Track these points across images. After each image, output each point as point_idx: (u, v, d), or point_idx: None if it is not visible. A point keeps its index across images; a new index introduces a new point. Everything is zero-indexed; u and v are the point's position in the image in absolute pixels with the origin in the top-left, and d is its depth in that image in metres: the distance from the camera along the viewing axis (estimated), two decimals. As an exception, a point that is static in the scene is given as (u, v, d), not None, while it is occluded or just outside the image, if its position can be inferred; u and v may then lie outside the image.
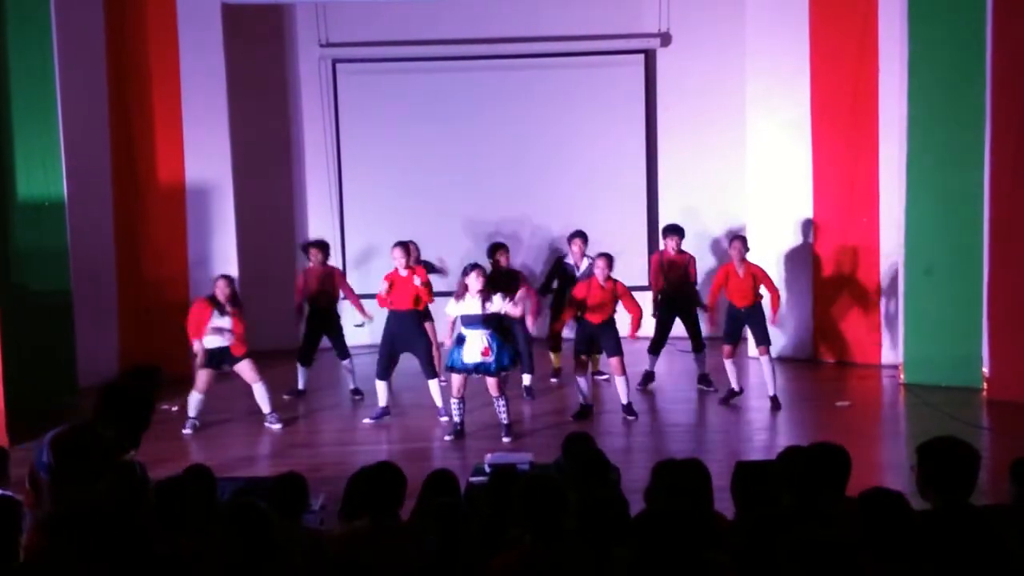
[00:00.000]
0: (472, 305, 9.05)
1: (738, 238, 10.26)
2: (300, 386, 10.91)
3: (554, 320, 10.91)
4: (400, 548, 4.41)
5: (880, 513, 3.88)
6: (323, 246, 10.94)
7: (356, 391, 10.77)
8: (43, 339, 10.29)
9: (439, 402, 9.73)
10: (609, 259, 9.73)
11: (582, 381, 9.84)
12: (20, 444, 9.14)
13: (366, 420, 9.89)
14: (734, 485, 5.03)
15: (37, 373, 10.07)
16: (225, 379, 10.11)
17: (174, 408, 10.32)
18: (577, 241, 10.95)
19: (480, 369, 9.11)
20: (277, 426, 9.83)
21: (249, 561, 3.79)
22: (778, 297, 10.31)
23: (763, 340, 10.11)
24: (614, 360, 9.77)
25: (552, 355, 11.23)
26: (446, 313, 9.29)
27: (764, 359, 10.08)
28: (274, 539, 3.86)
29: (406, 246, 10.00)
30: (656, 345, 10.83)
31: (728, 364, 10.15)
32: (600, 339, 9.83)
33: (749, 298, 10.05)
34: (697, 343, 10.72)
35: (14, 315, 9.93)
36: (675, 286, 10.68)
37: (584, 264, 10.75)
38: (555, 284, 11.15)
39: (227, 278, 9.90)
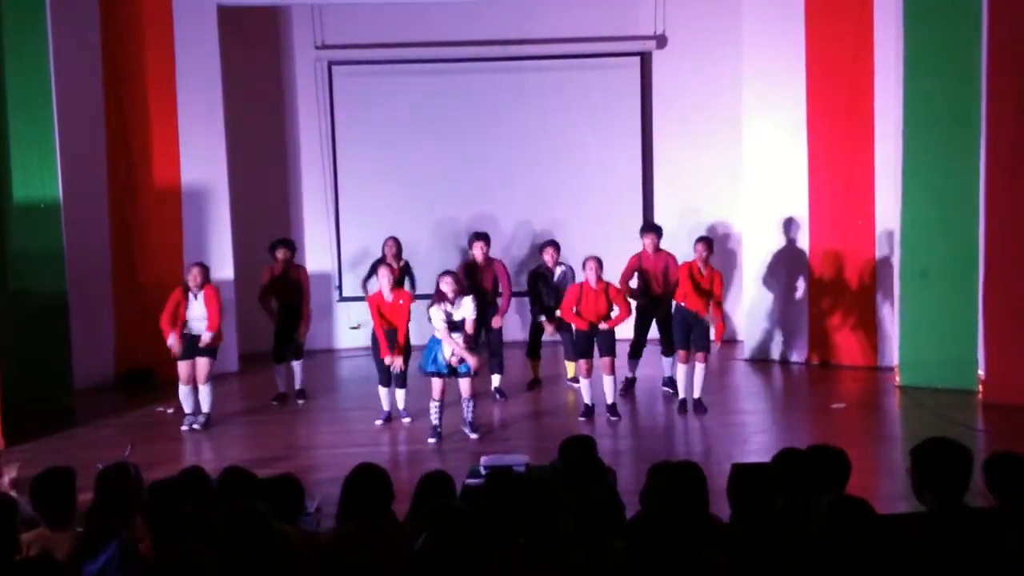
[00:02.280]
0: (454, 311, 9.22)
1: (702, 240, 10.13)
2: (281, 388, 10.85)
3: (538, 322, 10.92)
4: (392, 549, 4.41)
5: (846, 519, 3.92)
6: (289, 244, 10.94)
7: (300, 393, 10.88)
8: (38, 340, 10.28)
9: (401, 405, 9.85)
10: (599, 261, 9.71)
11: (585, 383, 9.86)
12: (15, 445, 9.18)
13: (377, 422, 9.91)
14: (730, 487, 5.02)
15: (32, 374, 10.06)
16: (219, 381, 10.11)
17: (169, 411, 10.33)
18: (549, 249, 10.82)
19: (455, 371, 9.23)
20: (185, 428, 9.78)
21: (249, 563, 3.78)
22: (719, 309, 10.12)
23: (704, 347, 9.94)
24: (606, 360, 9.76)
25: (531, 362, 11.15)
26: (434, 326, 9.31)
27: (700, 366, 9.94)
28: (274, 541, 3.86)
29: (390, 267, 9.97)
30: (636, 349, 10.69)
31: (684, 370, 10.00)
32: (597, 339, 9.81)
33: (702, 304, 9.84)
34: (668, 347, 10.55)
35: (9, 316, 9.96)
36: (653, 288, 10.55)
37: (558, 272, 10.75)
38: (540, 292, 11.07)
39: (202, 265, 9.98)
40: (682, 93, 13.14)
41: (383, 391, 9.92)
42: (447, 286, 9.21)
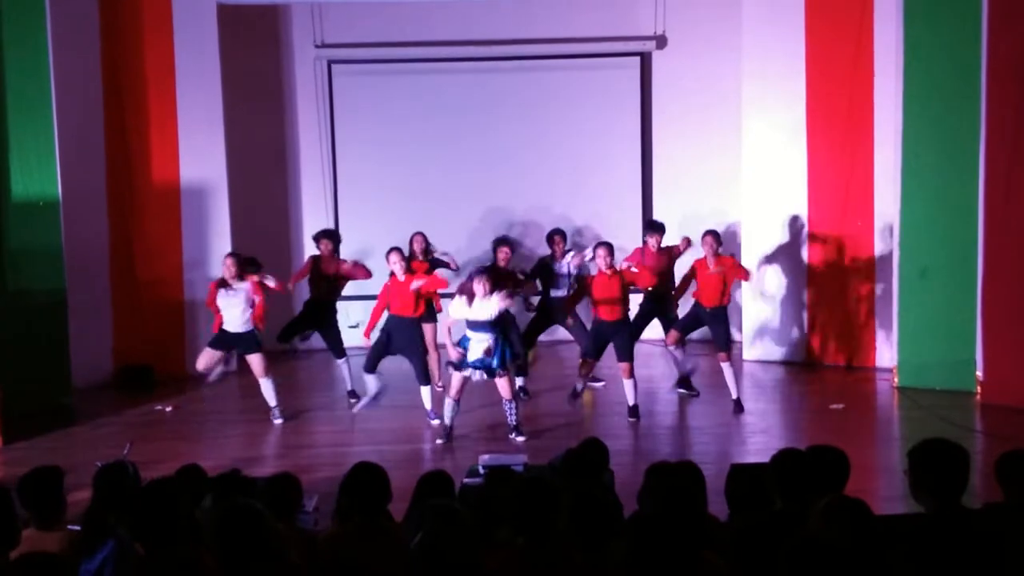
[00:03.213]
0: (479, 311, 9.04)
1: (710, 233, 10.10)
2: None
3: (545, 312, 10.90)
4: (389, 549, 4.41)
5: (844, 520, 3.92)
6: (333, 236, 10.88)
7: (352, 393, 10.69)
8: (37, 339, 10.28)
9: (428, 405, 9.75)
10: (609, 247, 9.68)
11: (581, 382, 9.92)
12: (13, 444, 9.19)
13: (357, 406, 9.93)
14: (728, 488, 5.03)
15: (31, 373, 10.06)
16: (223, 379, 10.12)
17: (167, 409, 10.34)
18: (556, 238, 10.81)
19: (482, 367, 9.12)
20: (279, 420, 9.85)
21: (244, 562, 3.78)
22: (747, 276, 10.41)
23: (724, 346, 9.99)
24: (624, 365, 9.75)
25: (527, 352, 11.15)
26: (449, 314, 9.27)
27: (725, 365, 10.00)
28: (269, 540, 3.86)
29: (400, 251, 9.94)
30: None
31: (673, 350, 10.24)
32: (613, 339, 9.78)
33: (715, 299, 9.95)
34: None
35: (8, 315, 9.96)
36: (653, 285, 10.48)
37: (568, 257, 10.73)
38: (539, 286, 11.05)
39: (232, 255, 9.98)
40: (682, 94, 13.14)
41: (370, 377, 9.82)
42: (479, 285, 9.04)
